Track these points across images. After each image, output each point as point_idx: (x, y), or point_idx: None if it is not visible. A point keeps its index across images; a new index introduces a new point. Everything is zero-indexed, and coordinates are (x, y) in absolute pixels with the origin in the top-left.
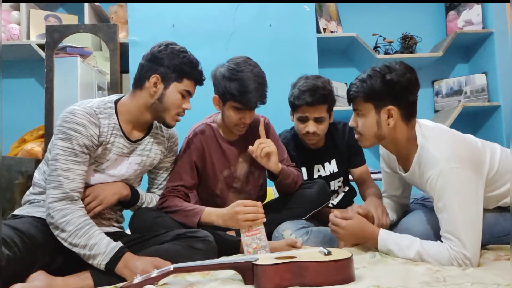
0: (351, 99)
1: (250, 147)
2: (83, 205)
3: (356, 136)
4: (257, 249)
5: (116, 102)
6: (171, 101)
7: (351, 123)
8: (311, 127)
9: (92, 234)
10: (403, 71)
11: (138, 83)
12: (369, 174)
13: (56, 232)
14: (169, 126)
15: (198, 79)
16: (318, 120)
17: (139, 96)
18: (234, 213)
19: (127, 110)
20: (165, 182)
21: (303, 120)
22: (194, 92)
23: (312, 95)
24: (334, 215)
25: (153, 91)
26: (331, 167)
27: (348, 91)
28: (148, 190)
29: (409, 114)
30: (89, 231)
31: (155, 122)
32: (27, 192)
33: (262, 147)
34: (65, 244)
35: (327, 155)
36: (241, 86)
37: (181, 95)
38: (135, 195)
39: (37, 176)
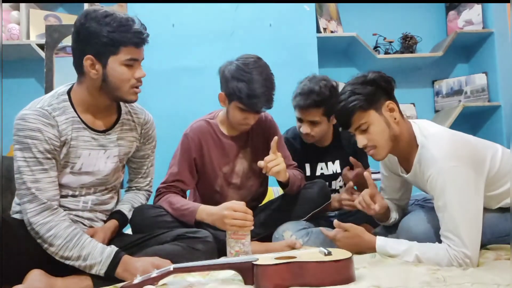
0: (349, 117)
1: (259, 162)
2: (65, 214)
3: (370, 152)
4: (239, 252)
5: (68, 92)
6: (117, 78)
7: (360, 143)
8: (304, 128)
9: (83, 244)
10: (373, 71)
11: (78, 70)
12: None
13: (44, 246)
14: (130, 102)
15: (136, 42)
16: (312, 123)
17: (84, 82)
18: (223, 216)
19: (81, 100)
20: (149, 170)
21: (299, 120)
22: (141, 55)
23: (304, 99)
24: (334, 223)
25: (93, 74)
26: (335, 167)
27: (342, 112)
28: (131, 181)
29: (398, 106)
30: (79, 241)
31: (124, 108)
32: (13, 203)
33: (272, 165)
34: (56, 257)
35: (331, 155)
36: (249, 89)
37: (125, 66)
38: (123, 221)
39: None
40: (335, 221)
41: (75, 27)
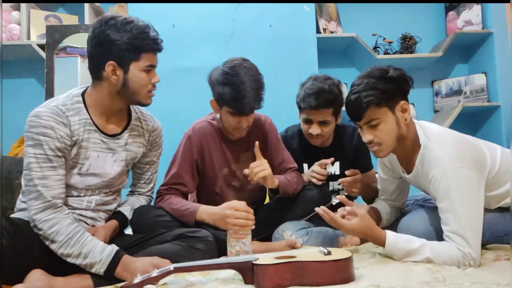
0: (361, 112)
1: (245, 170)
2: (69, 212)
3: (373, 148)
4: (240, 252)
5: (83, 94)
6: (137, 83)
7: (367, 138)
8: (314, 129)
9: (85, 241)
10: (394, 67)
11: (95, 74)
12: (375, 179)
13: (46, 242)
14: (146, 105)
15: (155, 48)
16: (322, 123)
17: (101, 86)
18: (224, 216)
19: (95, 103)
20: (152, 176)
21: (308, 122)
22: (157, 61)
23: (316, 99)
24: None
25: (114, 79)
26: (333, 168)
27: (356, 106)
28: (134, 186)
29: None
30: (81, 239)
31: (134, 114)
32: (18, 201)
33: (256, 171)
34: (58, 254)
35: (331, 156)
36: (235, 91)
37: (144, 72)
38: (123, 221)
39: (23, 183)
40: (349, 208)
41: (94, 33)
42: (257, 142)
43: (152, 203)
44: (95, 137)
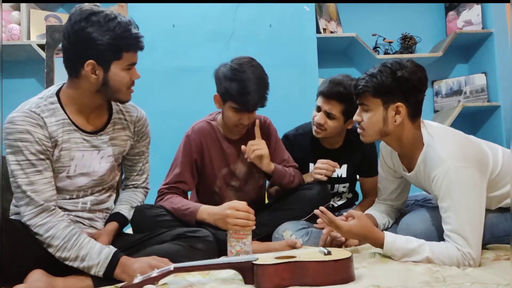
0: (358, 93)
1: (243, 146)
2: (63, 214)
3: (358, 130)
4: (240, 252)
5: (58, 93)
6: (117, 82)
7: (355, 117)
8: (318, 117)
9: (81, 244)
10: (414, 69)
11: (72, 71)
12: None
13: (44, 245)
14: (126, 102)
15: (138, 47)
16: (328, 116)
17: (79, 84)
18: (225, 216)
19: (72, 101)
20: (144, 167)
21: (318, 109)
22: (137, 58)
23: (331, 87)
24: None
25: (93, 78)
26: (340, 171)
27: (356, 86)
28: (127, 179)
29: (415, 112)
30: (77, 241)
31: (115, 107)
32: (11, 206)
33: (253, 149)
34: (55, 257)
35: (339, 158)
36: (241, 87)
37: (125, 71)
38: (123, 222)
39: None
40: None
41: (72, 28)
42: (257, 121)
43: (151, 198)
44: (76, 136)
